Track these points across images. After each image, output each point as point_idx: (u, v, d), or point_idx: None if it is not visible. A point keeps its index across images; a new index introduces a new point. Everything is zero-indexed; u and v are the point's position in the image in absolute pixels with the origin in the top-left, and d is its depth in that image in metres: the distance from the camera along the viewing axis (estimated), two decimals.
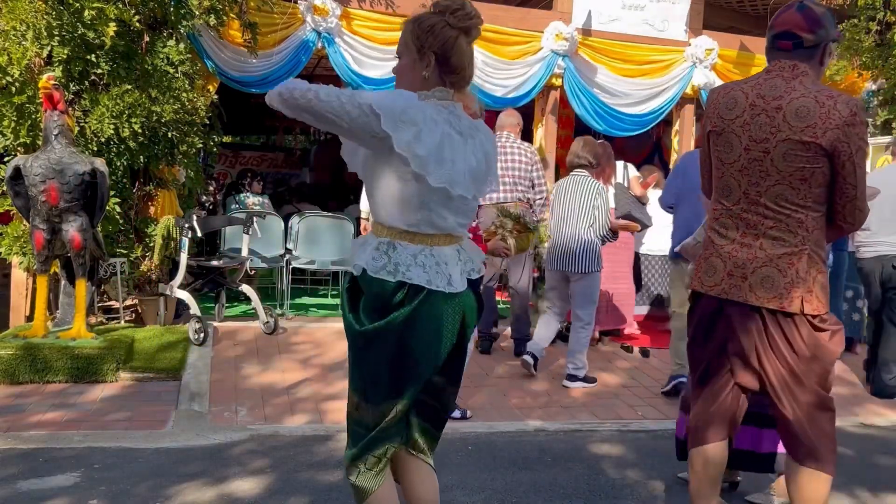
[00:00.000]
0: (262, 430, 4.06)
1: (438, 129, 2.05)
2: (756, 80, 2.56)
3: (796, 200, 2.45)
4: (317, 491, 3.25)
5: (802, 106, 2.40)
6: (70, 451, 3.62)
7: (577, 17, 7.35)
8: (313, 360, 5.40)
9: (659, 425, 4.52)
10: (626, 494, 3.40)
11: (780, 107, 2.44)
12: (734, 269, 2.53)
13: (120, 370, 4.77)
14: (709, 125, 2.62)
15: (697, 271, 2.66)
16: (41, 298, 4.98)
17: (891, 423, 4.86)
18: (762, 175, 2.47)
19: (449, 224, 2.13)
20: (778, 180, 2.45)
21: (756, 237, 2.51)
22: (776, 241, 2.48)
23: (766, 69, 2.57)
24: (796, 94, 2.43)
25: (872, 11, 7.25)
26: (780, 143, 2.42)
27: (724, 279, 2.56)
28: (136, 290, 6.07)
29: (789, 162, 2.42)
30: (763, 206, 2.49)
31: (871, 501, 3.49)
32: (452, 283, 2.11)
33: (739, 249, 2.54)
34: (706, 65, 7.60)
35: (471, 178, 2.12)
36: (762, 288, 2.48)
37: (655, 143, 10.50)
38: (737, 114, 2.52)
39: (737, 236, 2.56)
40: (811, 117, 2.39)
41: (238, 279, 6.22)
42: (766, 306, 2.48)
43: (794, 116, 2.41)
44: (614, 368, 5.68)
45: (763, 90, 2.50)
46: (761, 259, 2.49)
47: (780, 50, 2.53)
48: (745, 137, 2.49)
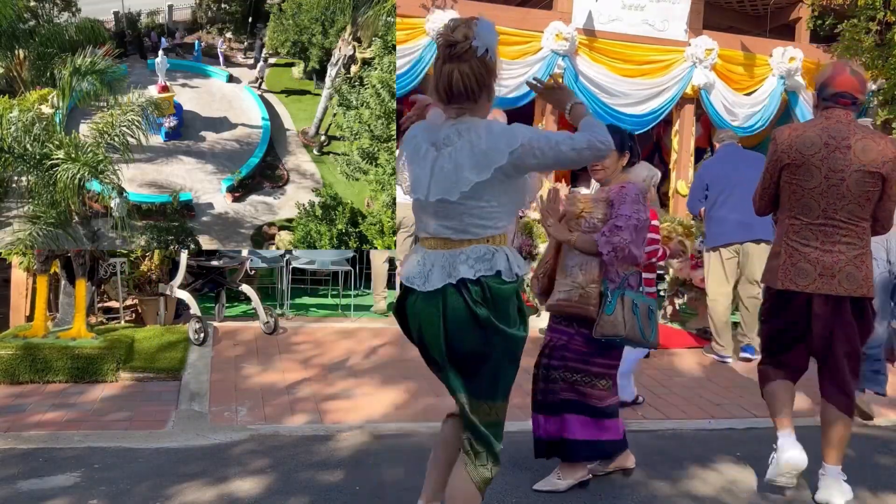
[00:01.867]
0: (262, 430, 4.06)
1: (410, 145, 2.43)
2: (820, 124, 3.33)
3: (862, 215, 3.29)
4: (317, 491, 3.25)
5: (866, 145, 3.23)
6: (70, 451, 3.63)
7: (577, 17, 7.36)
8: (313, 360, 5.40)
9: (659, 425, 4.52)
10: (626, 494, 3.40)
11: (849, 146, 3.24)
12: (823, 270, 3.28)
13: (120, 370, 4.78)
14: (786, 159, 3.34)
15: (787, 273, 3.35)
16: (41, 298, 4.99)
17: (891, 423, 4.86)
18: (838, 197, 3.25)
19: (431, 228, 2.38)
20: (850, 200, 3.25)
21: (834, 244, 3.28)
22: (850, 245, 3.28)
23: (826, 116, 3.35)
24: (858, 136, 3.25)
25: (872, 11, 7.24)
26: (854, 173, 3.22)
27: (815, 279, 3.29)
28: (136, 290, 6.08)
29: (860, 187, 3.23)
30: (838, 220, 3.27)
31: (871, 501, 3.49)
32: (429, 282, 2.31)
33: (824, 255, 3.28)
34: (706, 65, 7.60)
35: (436, 183, 2.31)
36: (847, 282, 3.26)
37: (655, 143, 10.49)
38: (814, 151, 3.27)
39: (818, 245, 3.30)
40: (873, 153, 3.22)
41: (238, 279, 6.22)
42: (851, 295, 3.27)
43: (861, 152, 3.22)
44: None
45: (832, 132, 3.28)
46: (843, 261, 3.27)
47: (839, 104, 3.34)
48: (825, 168, 3.25)
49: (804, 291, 3.30)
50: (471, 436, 2.40)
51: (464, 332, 2.29)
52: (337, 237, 5.55)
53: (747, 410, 4.94)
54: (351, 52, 6.59)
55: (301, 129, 6.69)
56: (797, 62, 7.85)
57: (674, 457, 3.92)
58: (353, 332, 6.17)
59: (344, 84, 6.34)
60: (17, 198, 5.35)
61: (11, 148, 4.87)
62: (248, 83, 7.05)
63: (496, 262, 2.29)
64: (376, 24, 6.28)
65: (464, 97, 2.32)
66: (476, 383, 2.37)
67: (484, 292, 2.27)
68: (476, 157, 2.26)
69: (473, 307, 2.26)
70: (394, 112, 5.99)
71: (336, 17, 6.76)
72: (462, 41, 2.28)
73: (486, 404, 2.37)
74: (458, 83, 2.29)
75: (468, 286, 2.27)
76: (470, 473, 2.39)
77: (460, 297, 2.27)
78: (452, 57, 2.29)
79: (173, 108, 6.28)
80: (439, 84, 2.34)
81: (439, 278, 2.30)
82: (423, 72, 6.88)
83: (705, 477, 3.67)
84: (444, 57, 2.32)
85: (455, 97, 2.33)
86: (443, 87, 2.33)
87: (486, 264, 2.28)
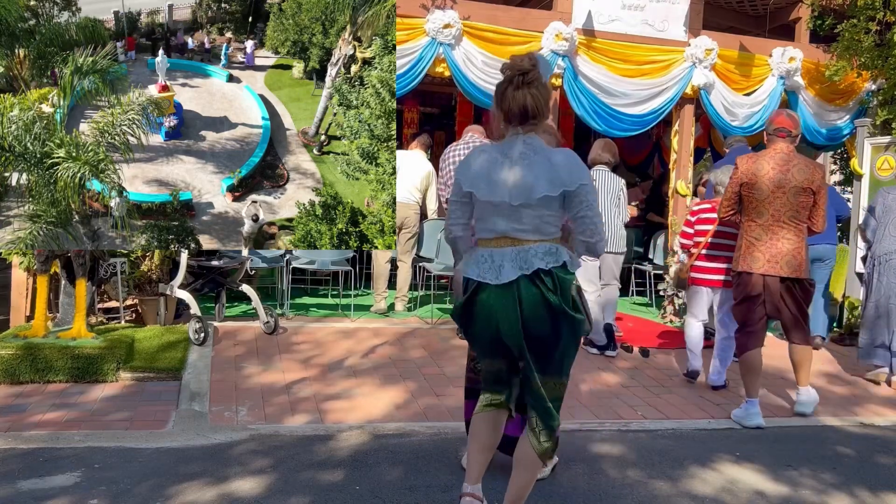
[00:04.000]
0: (262, 430, 4.07)
1: (482, 158, 2.81)
2: (768, 153, 4.64)
3: (801, 218, 4.58)
4: (317, 491, 3.25)
5: (802, 167, 4.55)
6: (70, 450, 3.63)
7: (576, 18, 7.35)
8: (313, 360, 5.40)
9: (659, 425, 4.52)
10: (626, 494, 3.41)
11: (788, 169, 4.54)
12: (770, 257, 4.56)
13: (120, 370, 4.78)
14: (744, 178, 4.63)
15: (744, 260, 4.64)
16: (41, 298, 4.99)
17: (891, 423, 4.87)
18: (782, 205, 4.55)
19: (501, 228, 2.75)
20: (791, 207, 4.54)
21: (778, 239, 4.56)
22: (789, 241, 4.56)
23: (773, 146, 4.66)
24: (796, 161, 4.58)
25: (872, 11, 7.24)
26: (792, 188, 4.52)
27: (764, 264, 4.57)
28: (136, 289, 6.08)
29: (798, 198, 4.52)
30: (782, 222, 4.56)
31: (871, 501, 3.50)
32: (502, 276, 2.69)
33: (772, 246, 4.56)
34: (706, 65, 7.59)
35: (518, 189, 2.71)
36: (788, 267, 4.54)
37: (655, 143, 10.50)
38: (765, 171, 4.57)
39: (766, 239, 4.58)
40: (808, 172, 4.54)
41: (238, 279, 6.22)
42: (790, 276, 4.55)
43: (798, 172, 4.53)
44: (614, 368, 5.69)
45: (776, 160, 4.59)
46: (785, 251, 4.54)
47: (779, 137, 4.65)
48: (772, 185, 4.54)
49: (756, 273, 4.60)
50: (535, 413, 2.78)
51: (538, 317, 2.68)
52: (337, 236, 5.55)
53: None
54: (351, 52, 6.59)
55: (301, 129, 6.69)
56: (797, 62, 7.85)
57: (674, 457, 3.93)
58: (353, 332, 6.18)
59: (344, 84, 6.34)
60: (17, 197, 5.35)
61: (12, 146, 4.86)
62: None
63: (560, 256, 2.72)
64: (376, 24, 6.29)
65: (533, 117, 2.75)
66: (547, 363, 2.75)
67: (554, 281, 2.68)
68: (551, 175, 2.69)
69: (546, 294, 2.67)
70: (394, 112, 5.99)
71: (336, 16, 6.77)
72: (532, 69, 2.73)
73: (553, 381, 2.78)
74: (532, 105, 2.73)
75: (541, 276, 2.67)
76: (534, 446, 2.77)
77: (534, 287, 2.67)
78: (524, 84, 2.72)
79: (173, 108, 6.28)
80: (512, 107, 2.75)
81: (512, 271, 2.69)
82: (423, 72, 6.88)
83: (705, 477, 3.68)
84: (515, 84, 2.73)
85: (527, 118, 2.75)
86: (517, 109, 2.74)
87: (553, 257, 2.70)
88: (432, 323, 6.64)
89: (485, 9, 7.12)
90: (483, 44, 7.00)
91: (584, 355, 5.94)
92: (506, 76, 2.79)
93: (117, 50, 6.81)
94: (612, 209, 5.99)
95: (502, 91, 2.79)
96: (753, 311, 4.66)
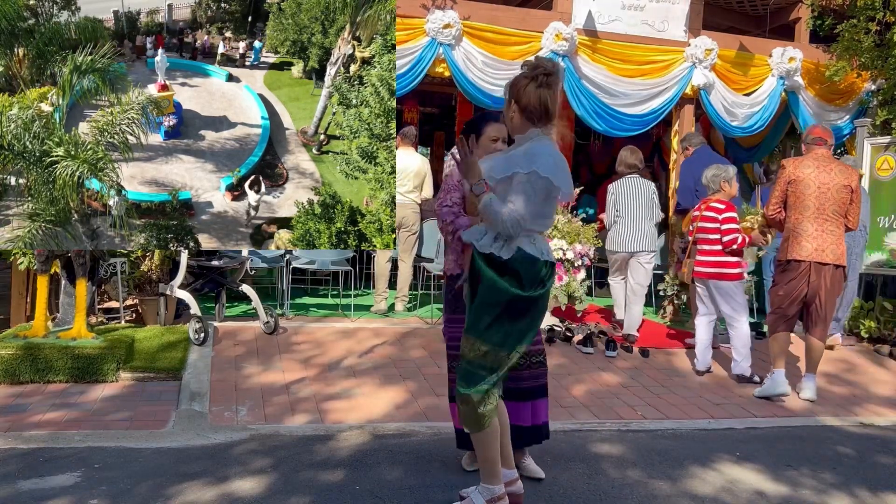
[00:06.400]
0: (262, 430, 4.06)
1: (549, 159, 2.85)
2: (812, 157, 5.28)
3: (841, 213, 5.17)
4: (317, 491, 3.25)
5: (841, 168, 5.23)
6: (71, 450, 3.62)
7: (576, 18, 7.35)
8: (313, 360, 5.40)
9: (659, 425, 4.52)
10: (626, 494, 3.40)
11: (831, 169, 5.20)
12: (817, 246, 5.12)
13: (120, 370, 4.78)
14: (791, 177, 5.25)
15: (793, 249, 5.19)
16: (41, 298, 4.99)
17: (891, 423, 4.87)
18: (826, 200, 5.15)
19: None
20: (833, 202, 5.15)
21: (823, 231, 5.14)
22: (832, 233, 5.16)
23: (813, 152, 5.32)
24: (835, 163, 5.26)
25: (872, 11, 7.25)
26: (834, 186, 5.15)
27: (811, 252, 5.12)
28: (136, 290, 6.07)
29: (839, 194, 5.15)
30: (826, 216, 5.15)
31: (871, 501, 3.50)
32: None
33: (818, 237, 5.13)
34: (706, 65, 7.59)
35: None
36: (832, 255, 5.11)
37: (655, 144, 10.50)
38: (810, 172, 5.20)
39: (812, 231, 5.15)
40: (847, 173, 5.20)
41: (238, 279, 6.22)
42: (834, 263, 5.12)
43: (839, 173, 5.18)
44: (614, 368, 5.69)
45: (819, 162, 5.23)
46: (829, 241, 5.12)
47: (817, 145, 5.34)
48: (817, 182, 5.17)
49: (803, 260, 5.14)
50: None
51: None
52: (336, 235, 5.55)
53: (747, 410, 4.94)
54: (350, 51, 6.59)
55: (300, 128, 6.69)
56: (797, 62, 7.84)
57: (674, 457, 3.93)
58: (353, 332, 6.17)
59: (343, 83, 6.33)
60: (16, 195, 5.35)
61: (11, 145, 4.86)
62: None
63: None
64: (376, 24, 6.28)
65: (550, 119, 2.87)
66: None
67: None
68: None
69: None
70: (393, 111, 5.99)
71: (335, 16, 6.76)
72: (555, 73, 2.84)
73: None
74: (552, 107, 2.84)
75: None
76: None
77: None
78: (546, 84, 2.82)
79: (173, 107, 6.27)
80: (533, 102, 2.83)
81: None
82: (423, 72, 6.87)
83: (705, 477, 3.68)
84: (539, 82, 2.82)
85: (549, 118, 2.86)
86: (541, 107, 2.83)
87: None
88: (432, 323, 6.64)
89: (485, 9, 7.12)
90: (483, 44, 6.99)
91: (585, 355, 5.94)
92: (528, 73, 2.84)
93: (147, 46, 6.89)
94: (645, 212, 6.42)
95: (523, 86, 2.84)
96: (793, 297, 5.17)
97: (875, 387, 5.71)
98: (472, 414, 2.87)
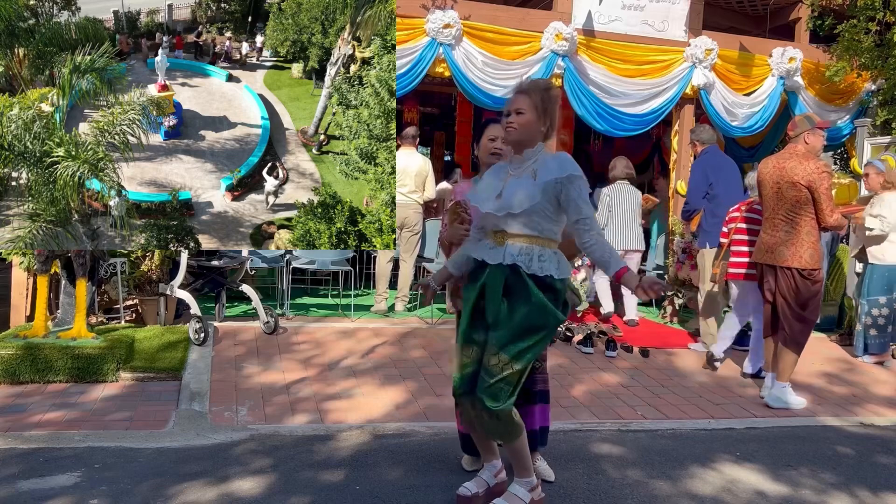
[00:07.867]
0: (262, 430, 4.06)
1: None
2: (776, 154, 5.10)
3: (798, 210, 4.87)
4: (317, 491, 3.25)
5: (794, 165, 4.88)
6: (71, 450, 3.62)
7: (576, 18, 7.35)
8: (313, 360, 5.40)
9: (659, 425, 4.52)
10: (626, 494, 3.40)
11: (784, 166, 4.92)
12: (767, 247, 4.96)
13: (120, 370, 4.78)
14: (757, 177, 5.16)
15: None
16: (41, 298, 4.98)
17: (891, 423, 4.86)
18: (779, 198, 4.93)
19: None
20: (786, 200, 4.89)
21: (776, 231, 4.94)
22: (788, 233, 4.90)
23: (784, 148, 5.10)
24: (793, 159, 4.91)
25: (872, 11, 7.25)
26: (785, 183, 4.88)
27: (763, 255, 4.99)
28: (136, 289, 6.07)
29: (790, 192, 4.87)
30: (780, 214, 4.93)
31: (871, 501, 3.50)
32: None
33: (767, 238, 4.99)
34: (706, 65, 7.59)
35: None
36: (782, 256, 4.88)
37: (655, 143, 10.50)
38: (767, 169, 5.03)
39: (764, 231, 5.02)
40: (801, 168, 4.85)
41: (238, 279, 6.21)
42: (784, 266, 4.88)
43: (790, 170, 4.87)
44: (614, 368, 5.69)
45: (778, 159, 5.01)
46: (779, 241, 4.91)
47: (789, 139, 5.09)
48: (772, 179, 4.97)
49: (756, 262, 5.10)
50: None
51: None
52: (336, 236, 5.55)
53: (747, 410, 4.94)
54: (350, 52, 6.59)
55: (300, 129, 6.69)
56: (797, 62, 7.85)
57: (674, 457, 3.93)
58: (353, 332, 6.17)
59: (343, 83, 6.33)
60: (16, 196, 5.35)
61: (11, 145, 4.85)
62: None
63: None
64: (376, 24, 6.28)
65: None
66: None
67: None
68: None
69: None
70: (393, 111, 5.99)
71: (335, 16, 6.76)
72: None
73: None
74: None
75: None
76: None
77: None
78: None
79: (173, 108, 6.28)
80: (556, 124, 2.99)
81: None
82: (423, 72, 6.88)
83: (705, 477, 3.68)
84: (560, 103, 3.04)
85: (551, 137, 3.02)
86: (555, 127, 2.98)
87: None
88: (432, 323, 6.63)
89: (485, 9, 7.12)
90: (483, 44, 7.00)
91: (585, 355, 5.94)
92: (554, 89, 3.01)
93: (163, 44, 6.93)
94: (634, 216, 7.03)
95: (556, 102, 2.98)
96: (761, 299, 5.18)
97: (875, 387, 5.71)
98: (504, 427, 2.91)
